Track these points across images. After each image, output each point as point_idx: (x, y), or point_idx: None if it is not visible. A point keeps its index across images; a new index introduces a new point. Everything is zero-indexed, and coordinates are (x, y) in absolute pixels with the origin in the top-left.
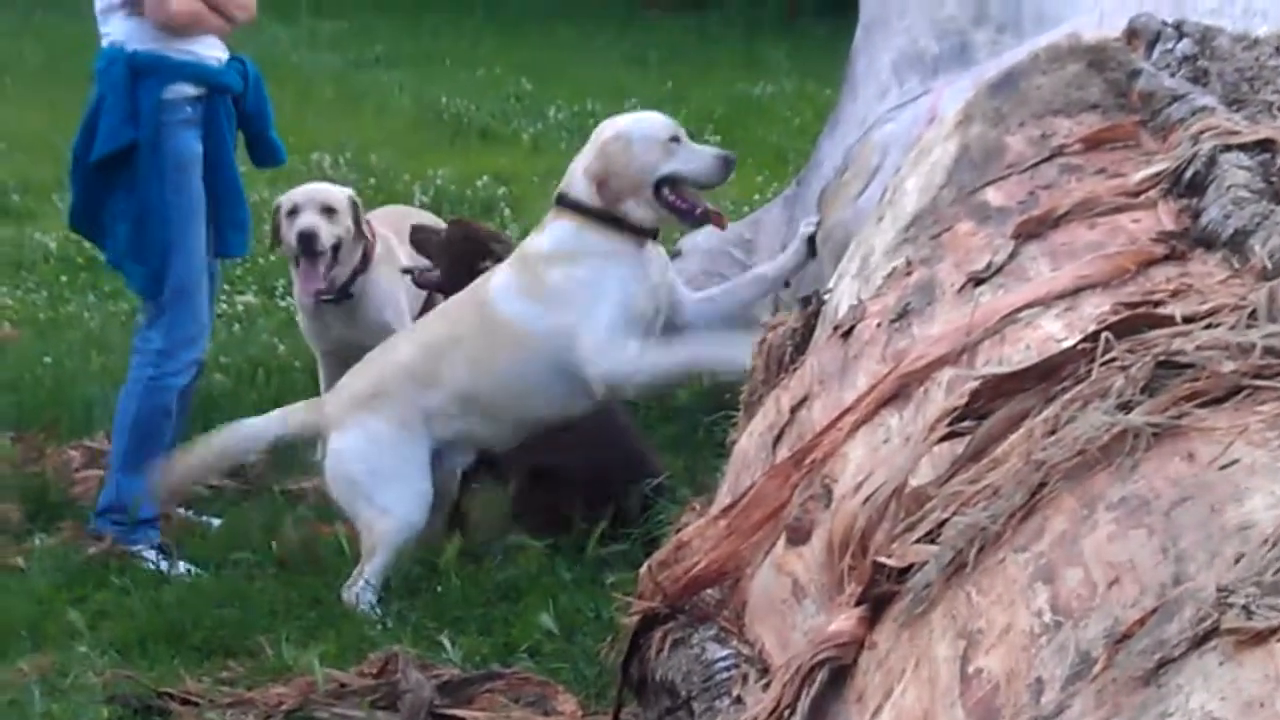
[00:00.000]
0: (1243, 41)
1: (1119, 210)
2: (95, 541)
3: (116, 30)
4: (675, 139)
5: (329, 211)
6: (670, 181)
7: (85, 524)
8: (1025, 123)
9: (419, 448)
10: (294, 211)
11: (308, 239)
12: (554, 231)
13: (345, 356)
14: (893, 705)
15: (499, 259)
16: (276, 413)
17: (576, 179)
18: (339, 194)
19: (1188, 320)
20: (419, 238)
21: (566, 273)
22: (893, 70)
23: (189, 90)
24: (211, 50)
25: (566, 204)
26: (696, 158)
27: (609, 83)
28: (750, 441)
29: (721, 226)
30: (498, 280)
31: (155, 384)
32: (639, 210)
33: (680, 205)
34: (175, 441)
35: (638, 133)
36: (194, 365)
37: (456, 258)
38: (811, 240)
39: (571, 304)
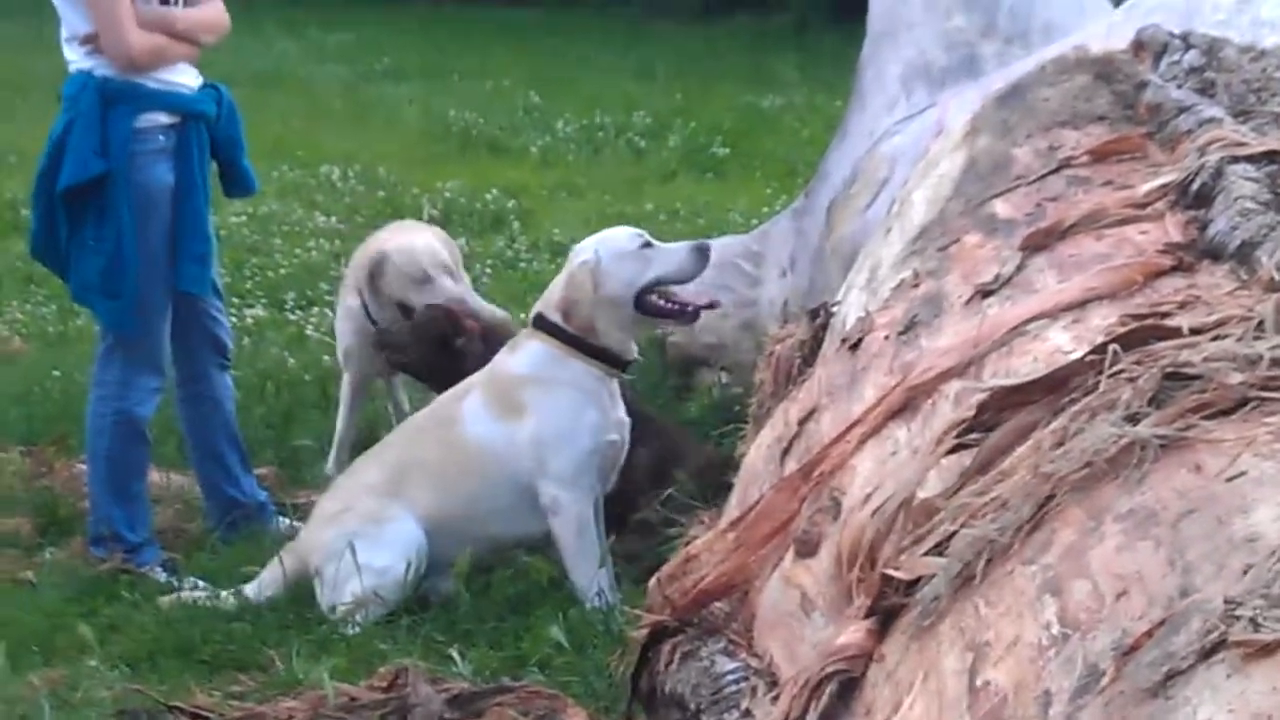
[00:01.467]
0: (1250, 53)
1: (1126, 222)
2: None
3: (83, 58)
4: (646, 245)
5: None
6: (651, 289)
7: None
8: (1032, 134)
9: (398, 518)
10: None
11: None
12: (529, 354)
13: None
14: (901, 718)
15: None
16: (265, 575)
17: (552, 302)
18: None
19: (1195, 332)
20: (388, 341)
21: (542, 397)
22: (901, 82)
23: (162, 119)
24: (183, 77)
25: (544, 326)
26: (671, 257)
27: (618, 95)
28: (758, 454)
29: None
30: (469, 402)
31: (121, 417)
32: (614, 335)
33: (670, 309)
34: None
35: (606, 253)
36: (156, 393)
37: (430, 340)
38: None
39: (544, 427)
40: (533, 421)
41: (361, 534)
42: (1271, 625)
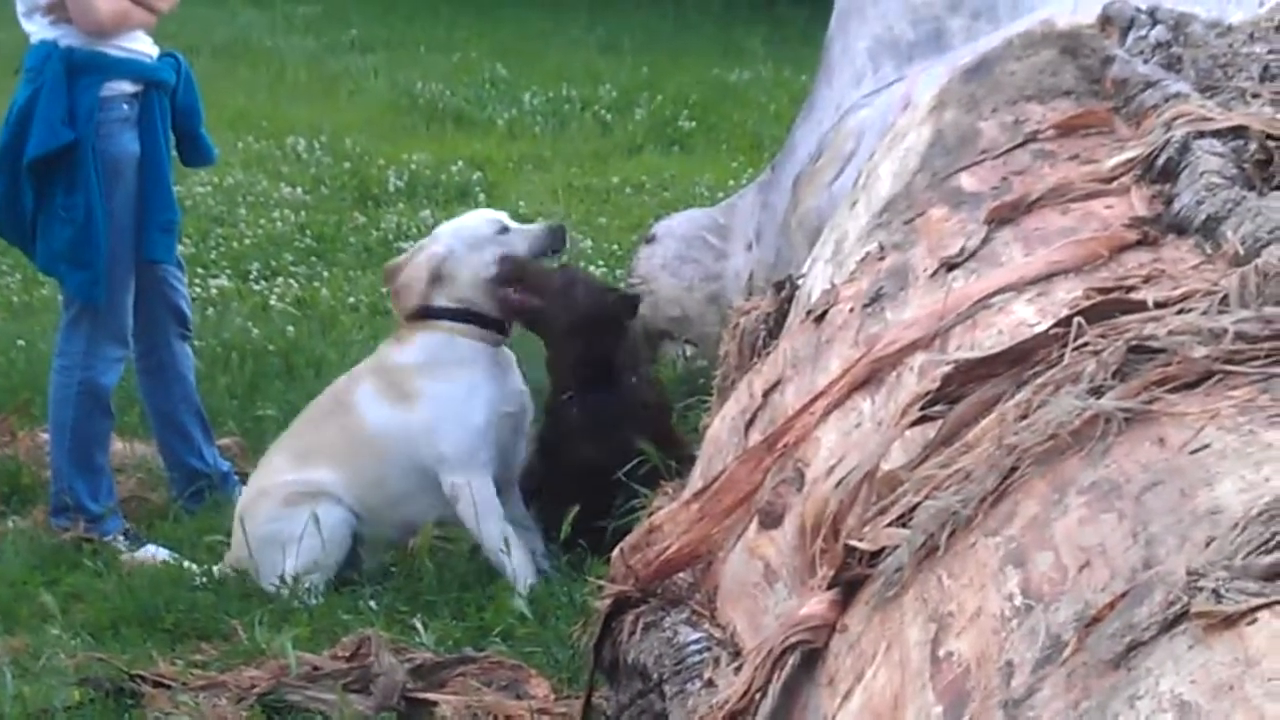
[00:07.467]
0: (1216, 28)
1: (1092, 196)
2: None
3: (45, 29)
4: (502, 230)
5: None
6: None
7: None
8: (999, 109)
9: (314, 494)
10: None
11: None
12: (418, 343)
13: None
14: (864, 688)
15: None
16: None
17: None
18: None
19: (1160, 305)
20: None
21: (432, 383)
22: (868, 56)
23: (126, 87)
24: (143, 45)
25: (428, 314)
26: (526, 238)
27: (584, 68)
28: (723, 425)
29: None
30: (362, 390)
31: (85, 386)
32: (488, 304)
33: (515, 303)
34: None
35: (460, 241)
36: (119, 363)
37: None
38: None
39: (436, 412)
40: (424, 408)
41: (282, 515)
42: (1234, 597)
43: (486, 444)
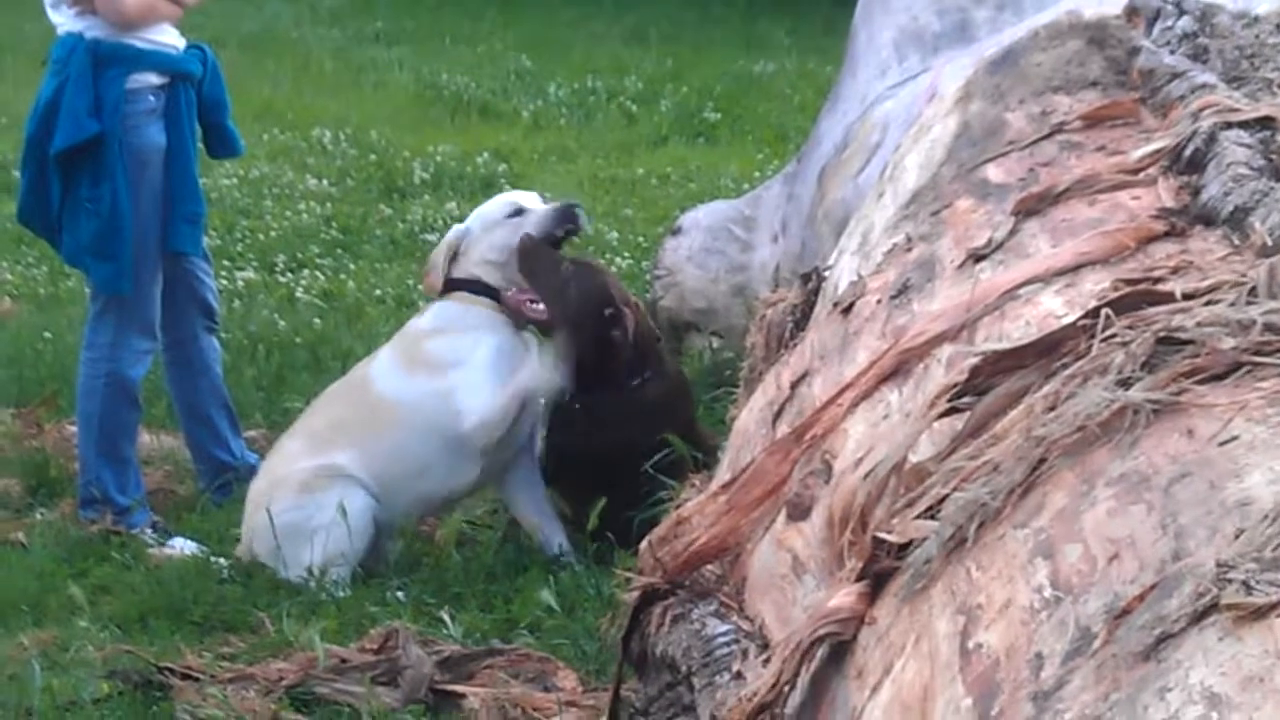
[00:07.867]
0: (1243, 19)
1: (1119, 187)
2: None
3: (71, 21)
4: (517, 213)
5: None
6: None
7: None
8: (1025, 100)
9: (331, 478)
10: None
11: None
12: (436, 311)
13: None
14: (893, 680)
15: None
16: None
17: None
18: None
19: (1188, 297)
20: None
21: (444, 341)
22: (893, 47)
23: (152, 79)
24: (169, 37)
25: (452, 287)
26: (537, 218)
27: (610, 60)
28: (750, 417)
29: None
30: (377, 361)
31: (113, 379)
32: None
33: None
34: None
35: (478, 223)
36: (147, 355)
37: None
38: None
39: (448, 367)
40: (436, 369)
41: (300, 503)
42: (1263, 588)
43: (495, 383)
